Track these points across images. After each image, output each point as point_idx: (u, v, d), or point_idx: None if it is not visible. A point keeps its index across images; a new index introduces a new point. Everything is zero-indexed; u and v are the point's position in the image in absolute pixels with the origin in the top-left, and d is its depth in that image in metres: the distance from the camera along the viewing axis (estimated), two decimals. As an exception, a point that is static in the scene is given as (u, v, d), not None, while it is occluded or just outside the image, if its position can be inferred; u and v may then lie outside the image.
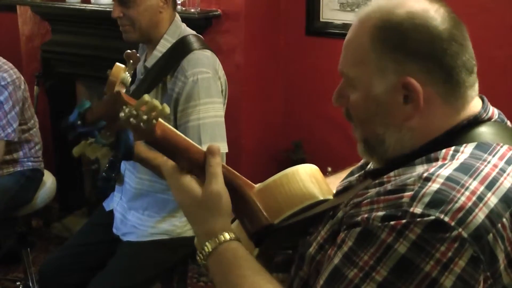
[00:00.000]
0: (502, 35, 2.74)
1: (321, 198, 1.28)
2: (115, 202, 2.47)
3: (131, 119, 1.09)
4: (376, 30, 1.12)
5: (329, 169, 2.25)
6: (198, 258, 1.20)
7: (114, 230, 2.44)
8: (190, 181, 1.21)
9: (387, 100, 1.13)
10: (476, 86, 1.17)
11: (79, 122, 1.18)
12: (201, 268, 3.51)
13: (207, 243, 1.18)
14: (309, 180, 1.29)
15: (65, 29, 3.89)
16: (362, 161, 1.41)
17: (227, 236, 1.18)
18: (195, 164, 1.22)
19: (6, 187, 3.07)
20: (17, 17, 4.11)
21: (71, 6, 3.65)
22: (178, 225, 2.34)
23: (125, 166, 2.41)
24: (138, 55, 1.75)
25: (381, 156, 1.19)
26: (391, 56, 1.10)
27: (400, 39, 1.10)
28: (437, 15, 1.11)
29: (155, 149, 1.21)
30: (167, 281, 2.63)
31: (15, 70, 3.08)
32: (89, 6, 3.57)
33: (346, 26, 3.27)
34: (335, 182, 1.42)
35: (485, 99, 1.21)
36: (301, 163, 1.35)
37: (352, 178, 1.37)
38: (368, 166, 1.35)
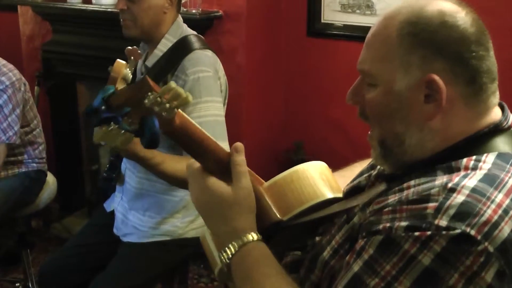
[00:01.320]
0: (503, 37, 2.76)
1: (332, 196, 1.27)
2: (116, 202, 2.47)
3: (155, 107, 1.07)
4: (405, 24, 1.11)
5: (330, 169, 2.25)
6: (221, 257, 1.17)
7: (115, 231, 2.44)
8: (216, 181, 1.18)
9: (408, 97, 1.11)
10: (497, 95, 1.15)
11: (103, 107, 1.17)
12: (201, 269, 3.53)
13: (233, 242, 1.15)
14: (319, 177, 1.28)
15: (66, 29, 3.89)
16: (372, 161, 1.38)
17: (254, 236, 1.16)
18: (213, 158, 1.21)
19: (11, 188, 3.07)
20: (18, 17, 4.11)
21: (72, 6, 3.65)
22: (179, 226, 2.33)
23: (125, 166, 2.40)
24: (139, 51, 1.74)
25: (398, 159, 1.16)
26: (418, 51, 1.09)
27: (429, 34, 1.09)
28: (467, 18, 1.11)
29: (172, 139, 1.19)
30: (167, 282, 2.62)
31: (15, 71, 3.07)
32: (90, 7, 3.56)
33: (347, 27, 3.27)
34: (339, 179, 1.41)
35: (505, 106, 1.19)
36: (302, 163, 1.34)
37: (361, 179, 1.36)
38: (378, 167, 1.32)
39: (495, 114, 1.15)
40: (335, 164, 1.55)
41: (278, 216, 1.22)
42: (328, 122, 3.47)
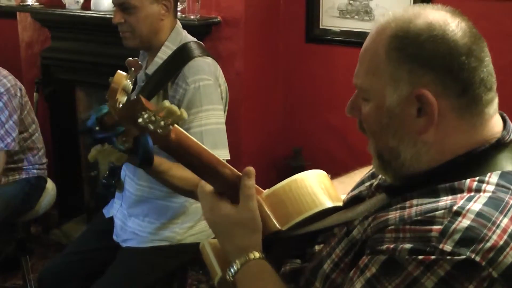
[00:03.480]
0: (500, 44, 2.75)
1: (331, 205, 1.27)
2: (115, 209, 2.47)
3: (149, 125, 1.08)
4: (392, 39, 1.10)
5: (329, 175, 2.25)
6: (227, 275, 1.23)
7: (114, 237, 2.44)
8: (223, 202, 1.25)
9: (400, 112, 1.10)
10: (495, 104, 1.14)
11: (96, 128, 1.18)
12: (200, 274, 3.52)
13: (237, 260, 1.21)
14: (318, 186, 1.28)
15: (65, 35, 3.90)
16: (372, 169, 1.38)
17: (256, 254, 1.20)
18: (214, 172, 1.23)
19: (11, 194, 3.07)
20: (17, 23, 4.11)
21: (71, 13, 3.65)
22: (179, 232, 2.34)
23: (125, 172, 2.40)
24: (140, 63, 1.74)
25: (396, 171, 1.16)
26: (406, 66, 1.08)
27: (416, 49, 1.08)
28: (457, 29, 1.09)
29: (169, 153, 1.21)
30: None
31: (10, 77, 3.05)
32: (89, 13, 3.57)
33: (345, 33, 3.28)
34: (338, 186, 1.40)
35: (507, 118, 1.18)
36: (300, 170, 1.34)
37: (362, 188, 1.35)
38: (380, 176, 1.32)
39: (495, 125, 1.14)
40: (334, 170, 1.55)
41: (277, 226, 1.22)
42: (327, 128, 3.47)
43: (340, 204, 1.30)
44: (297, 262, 1.37)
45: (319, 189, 1.28)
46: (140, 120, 1.07)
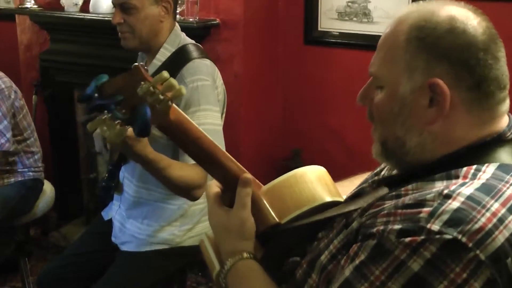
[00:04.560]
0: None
1: (330, 199, 1.27)
2: (114, 211, 2.47)
3: (148, 97, 1.08)
4: (413, 28, 1.11)
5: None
6: (220, 278, 1.26)
7: (113, 239, 2.44)
8: (218, 207, 1.28)
9: (411, 101, 1.11)
10: (507, 103, 1.15)
11: (96, 95, 1.18)
12: (199, 277, 3.52)
13: (227, 262, 1.24)
14: (317, 181, 1.28)
15: (63, 38, 3.90)
16: (377, 168, 1.39)
17: (245, 254, 1.22)
18: (211, 159, 1.24)
19: (7, 197, 3.07)
20: (16, 26, 4.11)
21: (70, 15, 3.66)
22: (177, 234, 2.34)
23: (123, 174, 2.40)
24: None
25: (399, 159, 1.18)
26: (423, 56, 1.10)
27: (435, 39, 1.09)
28: (478, 26, 1.10)
29: (168, 135, 1.21)
30: (165, 290, 2.62)
31: (5, 79, 3.06)
32: (87, 15, 3.57)
33: (344, 35, 3.28)
34: (339, 189, 1.40)
35: (511, 117, 1.19)
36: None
37: (365, 185, 1.36)
38: (382, 173, 1.33)
39: (502, 123, 1.15)
40: (334, 172, 1.55)
41: (276, 219, 1.23)
42: (326, 130, 3.47)
43: (340, 199, 1.30)
44: (297, 260, 1.37)
45: (319, 184, 1.28)
46: (139, 90, 1.07)
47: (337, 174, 1.63)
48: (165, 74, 1.08)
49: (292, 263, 1.36)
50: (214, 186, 1.30)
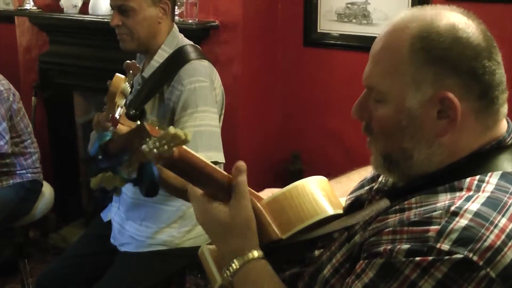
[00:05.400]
0: (500, 49, 2.74)
1: (332, 212, 1.26)
2: (113, 212, 2.47)
3: (154, 150, 1.06)
4: (416, 40, 1.08)
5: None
6: (225, 274, 1.20)
7: (112, 240, 2.44)
8: (214, 205, 1.21)
9: (421, 114, 1.09)
10: (506, 104, 1.14)
11: (100, 157, 1.16)
12: (199, 278, 3.52)
13: (235, 260, 1.18)
14: (319, 193, 1.27)
15: (63, 40, 3.90)
16: (372, 173, 1.37)
17: (255, 254, 1.18)
18: (214, 182, 1.20)
19: (6, 199, 3.07)
20: (15, 28, 4.11)
21: (69, 17, 3.66)
22: (176, 236, 2.34)
23: (122, 176, 2.40)
24: (138, 65, 1.74)
25: (404, 172, 1.15)
26: (431, 68, 1.07)
27: (442, 51, 1.06)
28: (478, 32, 1.09)
29: (173, 171, 1.19)
30: (164, 292, 2.62)
31: (4, 82, 3.06)
32: (86, 17, 3.57)
33: (343, 37, 3.28)
34: (335, 186, 1.39)
35: (510, 122, 1.18)
36: (298, 174, 1.34)
37: (362, 191, 1.34)
38: (380, 179, 1.30)
39: (502, 128, 1.14)
40: (333, 174, 1.55)
41: (278, 234, 1.21)
42: (325, 132, 3.47)
43: (341, 211, 1.28)
44: (296, 267, 1.36)
45: (320, 196, 1.26)
46: (144, 147, 1.06)
47: (337, 176, 1.63)
48: (172, 130, 1.06)
49: (290, 269, 1.35)
50: (196, 188, 1.24)
